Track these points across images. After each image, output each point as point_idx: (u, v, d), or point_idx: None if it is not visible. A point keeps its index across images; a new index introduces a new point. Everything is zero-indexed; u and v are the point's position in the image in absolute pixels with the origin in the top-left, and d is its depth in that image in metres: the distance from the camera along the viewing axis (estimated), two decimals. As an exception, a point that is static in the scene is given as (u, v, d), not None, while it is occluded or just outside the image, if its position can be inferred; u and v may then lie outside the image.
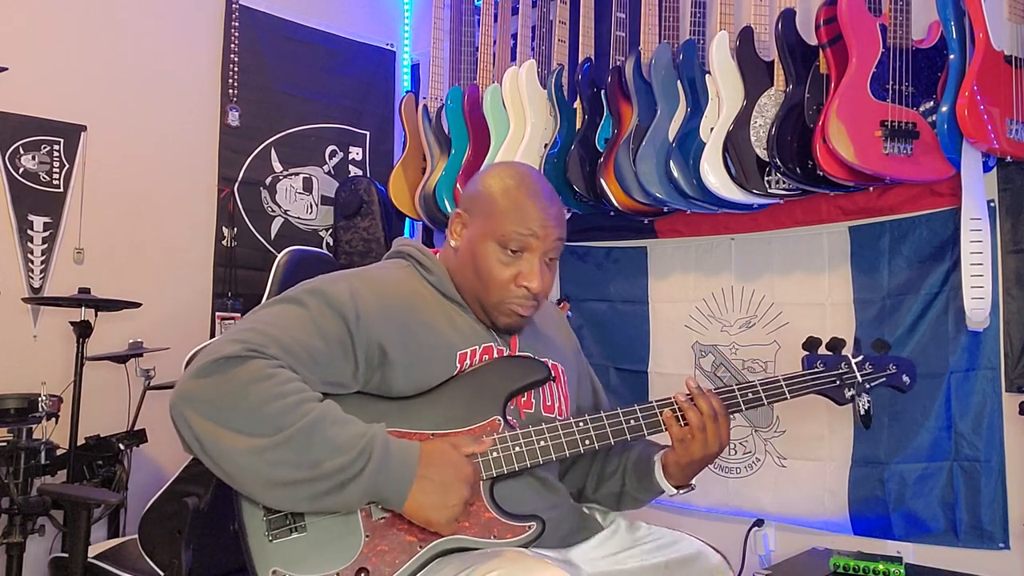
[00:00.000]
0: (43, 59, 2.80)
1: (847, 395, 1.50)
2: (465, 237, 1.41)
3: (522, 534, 1.27)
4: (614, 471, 1.52)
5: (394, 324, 1.30)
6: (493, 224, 1.37)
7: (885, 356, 1.54)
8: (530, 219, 1.36)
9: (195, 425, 1.14)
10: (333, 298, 1.27)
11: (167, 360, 2.66)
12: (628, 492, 1.50)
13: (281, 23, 3.40)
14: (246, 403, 1.14)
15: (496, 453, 1.29)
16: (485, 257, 1.37)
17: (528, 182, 1.41)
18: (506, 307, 1.38)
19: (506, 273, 1.36)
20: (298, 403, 1.16)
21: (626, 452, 1.52)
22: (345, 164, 3.57)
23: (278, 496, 1.15)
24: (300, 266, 1.97)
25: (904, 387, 1.54)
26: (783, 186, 2.25)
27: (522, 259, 1.37)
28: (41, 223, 2.79)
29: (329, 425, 1.16)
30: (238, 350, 1.16)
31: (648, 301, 2.81)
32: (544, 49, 2.87)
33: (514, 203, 1.37)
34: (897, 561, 2.02)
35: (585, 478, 1.55)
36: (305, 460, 1.13)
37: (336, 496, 1.15)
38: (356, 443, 1.16)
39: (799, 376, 1.48)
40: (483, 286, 1.38)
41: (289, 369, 1.19)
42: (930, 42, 2.08)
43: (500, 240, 1.36)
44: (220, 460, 1.14)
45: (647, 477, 1.46)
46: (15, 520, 2.31)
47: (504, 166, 1.50)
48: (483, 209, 1.39)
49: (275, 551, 1.21)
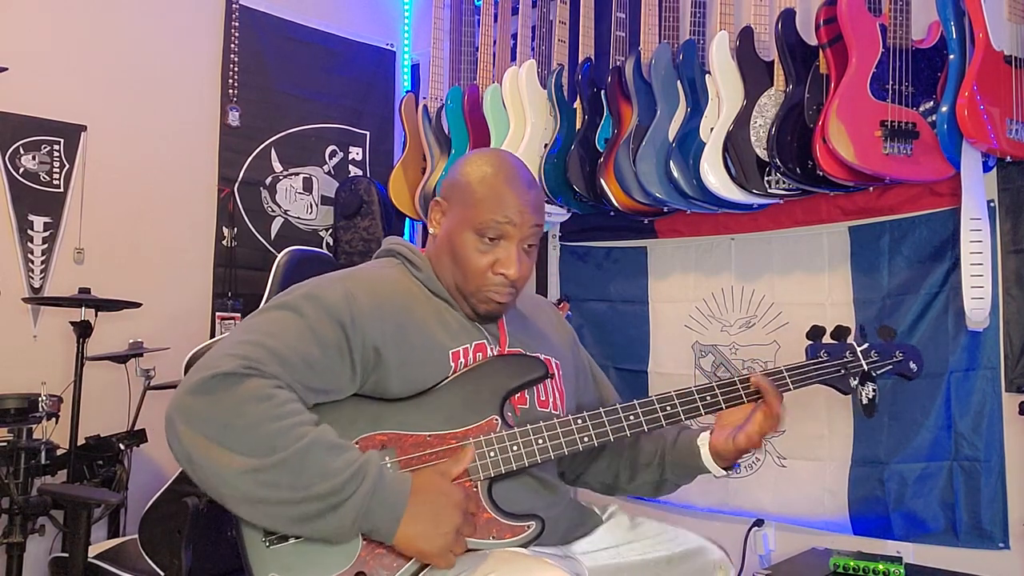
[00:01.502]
0: (43, 59, 2.80)
1: (852, 384, 1.46)
2: (444, 225, 1.41)
3: (521, 534, 1.27)
4: (649, 460, 1.51)
5: (388, 325, 1.30)
6: (470, 212, 1.36)
7: (891, 343, 1.51)
8: (507, 207, 1.35)
9: (187, 441, 1.12)
10: (329, 303, 1.26)
11: (167, 360, 2.66)
12: (669, 479, 1.50)
13: (281, 23, 3.40)
14: (242, 423, 1.12)
15: (494, 454, 1.29)
16: (463, 245, 1.36)
17: (505, 168, 1.40)
18: (483, 294, 1.38)
19: (483, 261, 1.36)
20: (294, 426, 1.14)
21: (661, 439, 1.51)
22: (345, 164, 3.57)
23: (264, 514, 1.13)
24: (300, 266, 1.98)
25: (911, 374, 1.50)
26: (783, 186, 2.25)
27: (499, 246, 1.36)
28: (41, 223, 2.79)
29: (324, 450, 1.15)
30: (236, 367, 1.15)
31: (648, 301, 2.81)
32: (544, 49, 2.87)
33: (491, 190, 1.36)
34: (897, 561, 2.02)
35: (617, 470, 1.55)
36: (297, 482, 1.12)
37: (325, 520, 1.13)
38: (349, 467, 1.14)
39: (803, 366, 1.46)
40: (461, 273, 1.37)
41: (287, 388, 1.18)
42: (930, 42, 2.08)
43: (477, 228, 1.35)
44: (209, 476, 1.12)
45: (691, 461, 1.46)
46: (15, 520, 2.31)
47: (482, 153, 1.48)
48: (461, 197, 1.39)
49: (272, 557, 1.20)
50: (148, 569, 1.87)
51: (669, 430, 1.50)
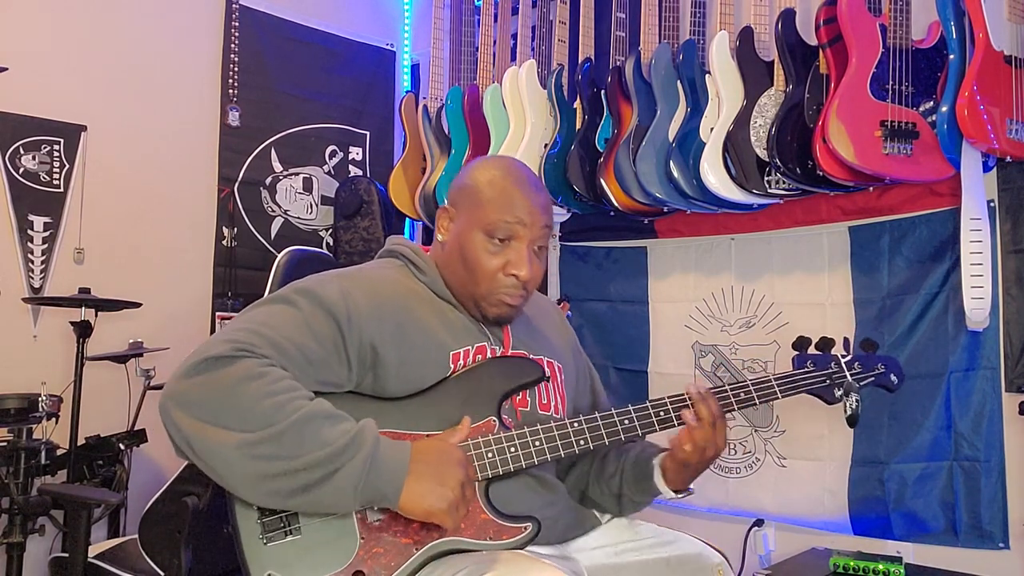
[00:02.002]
0: (43, 59, 2.80)
1: (837, 394, 1.50)
2: (452, 231, 1.41)
3: (518, 535, 1.27)
4: (613, 473, 1.50)
5: (386, 324, 1.30)
6: (479, 214, 1.36)
7: (873, 356, 1.54)
8: (516, 207, 1.35)
9: (184, 425, 1.12)
10: (324, 299, 1.26)
11: (167, 360, 2.66)
12: (626, 495, 1.49)
13: (281, 23, 3.40)
14: (236, 401, 1.12)
15: (492, 455, 1.29)
16: (473, 248, 1.36)
17: (513, 171, 1.41)
18: (495, 297, 1.37)
19: (494, 262, 1.35)
20: (289, 400, 1.14)
21: (624, 454, 1.51)
22: (345, 164, 3.57)
23: (267, 490, 1.12)
24: (300, 266, 1.97)
25: (892, 386, 1.55)
26: (783, 186, 2.25)
27: (510, 248, 1.36)
28: (41, 223, 2.79)
29: (320, 420, 1.15)
30: (227, 350, 1.15)
31: (648, 301, 2.81)
32: (544, 49, 2.87)
33: (500, 191, 1.37)
34: (897, 561, 2.02)
35: (587, 479, 1.54)
36: (295, 452, 1.11)
37: (326, 487, 1.12)
38: (347, 435, 1.14)
39: (790, 376, 1.48)
40: (472, 277, 1.37)
41: (280, 368, 1.18)
42: (930, 42, 2.08)
43: (487, 229, 1.35)
44: (209, 457, 1.12)
45: (645, 480, 1.45)
46: (15, 520, 2.31)
47: (489, 159, 1.49)
48: (469, 201, 1.39)
49: (269, 554, 1.20)
50: (148, 569, 1.87)
51: (635, 445, 1.50)
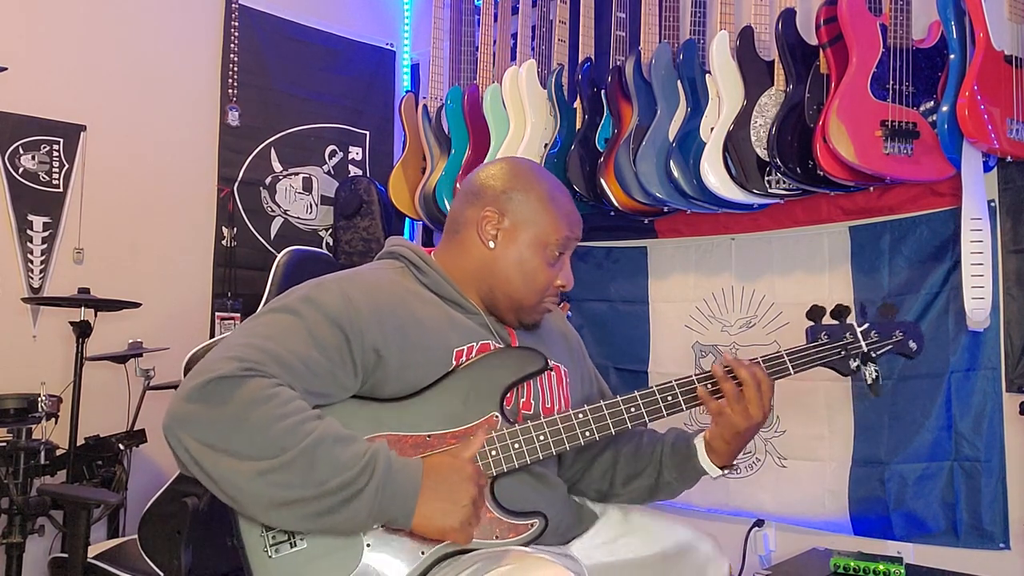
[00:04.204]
0: (43, 59, 2.80)
1: (852, 365, 1.45)
2: (502, 240, 1.40)
3: (525, 532, 1.26)
4: (646, 465, 1.50)
5: (388, 327, 1.29)
6: (548, 229, 1.39)
7: (891, 322, 1.48)
8: (575, 223, 1.42)
9: (192, 450, 1.11)
10: (328, 306, 1.25)
11: (167, 360, 2.66)
12: (665, 482, 1.48)
13: (281, 23, 3.40)
14: (247, 426, 1.11)
15: (496, 452, 1.28)
16: (536, 261, 1.39)
17: (557, 183, 1.46)
18: (542, 307, 1.43)
19: (552, 275, 1.41)
20: (300, 423, 1.13)
21: (657, 444, 1.50)
22: (345, 164, 3.57)
23: (282, 517, 1.13)
24: (300, 266, 1.98)
25: (912, 353, 1.48)
26: (783, 186, 2.25)
27: (562, 260, 1.42)
28: (41, 223, 2.79)
29: (332, 444, 1.14)
30: (235, 369, 1.13)
31: (648, 301, 2.81)
32: (544, 49, 2.86)
33: (563, 208, 1.42)
34: (897, 561, 2.02)
35: (611, 477, 1.52)
36: (309, 480, 1.11)
37: (341, 514, 1.12)
38: (359, 460, 1.14)
39: (803, 350, 1.44)
40: (527, 288, 1.39)
41: (288, 387, 1.17)
42: (930, 42, 2.08)
43: (554, 245, 1.39)
44: (221, 483, 1.11)
45: (687, 462, 1.45)
46: (15, 520, 2.31)
47: (530, 167, 1.48)
48: (530, 212, 1.39)
49: (276, 566, 1.19)
50: (147, 569, 1.87)
51: (667, 432, 1.51)
